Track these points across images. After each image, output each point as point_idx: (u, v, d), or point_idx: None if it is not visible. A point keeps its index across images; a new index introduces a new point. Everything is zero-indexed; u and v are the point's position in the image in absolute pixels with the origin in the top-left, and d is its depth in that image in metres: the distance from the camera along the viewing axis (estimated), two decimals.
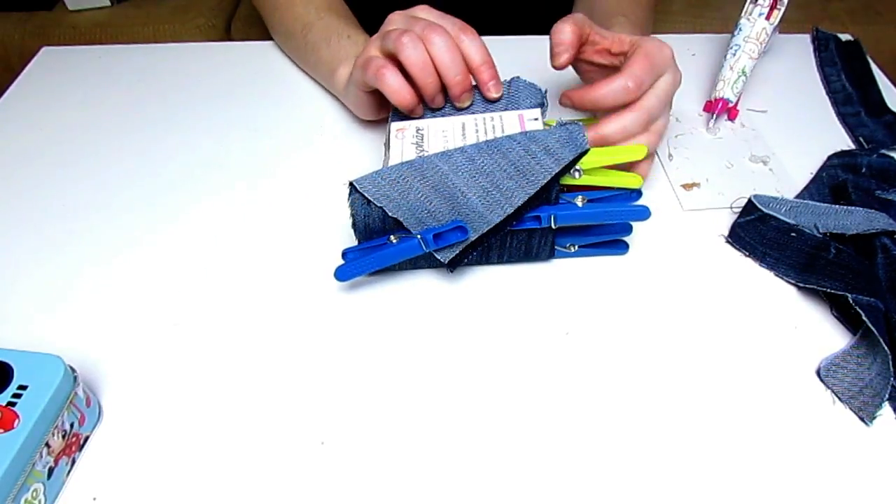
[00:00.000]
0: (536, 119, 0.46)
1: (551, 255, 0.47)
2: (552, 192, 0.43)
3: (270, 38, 0.71)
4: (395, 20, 0.47)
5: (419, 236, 0.42)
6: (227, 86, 0.65)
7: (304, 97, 0.63)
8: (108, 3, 1.29)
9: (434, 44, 0.44)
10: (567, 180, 0.43)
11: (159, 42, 1.09)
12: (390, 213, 0.42)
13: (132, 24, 1.26)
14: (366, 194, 0.41)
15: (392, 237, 0.43)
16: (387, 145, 0.46)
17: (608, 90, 0.45)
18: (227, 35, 1.30)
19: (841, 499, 0.35)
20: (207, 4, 1.30)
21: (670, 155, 0.55)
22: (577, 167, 0.43)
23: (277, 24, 0.67)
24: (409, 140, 0.44)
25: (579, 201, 0.44)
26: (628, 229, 0.47)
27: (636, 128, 0.46)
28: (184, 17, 1.27)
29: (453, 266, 0.44)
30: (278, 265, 0.48)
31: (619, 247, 0.48)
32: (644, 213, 0.44)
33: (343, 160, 0.56)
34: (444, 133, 0.46)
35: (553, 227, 0.44)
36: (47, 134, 0.60)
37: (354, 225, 0.43)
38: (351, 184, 0.42)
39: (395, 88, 0.45)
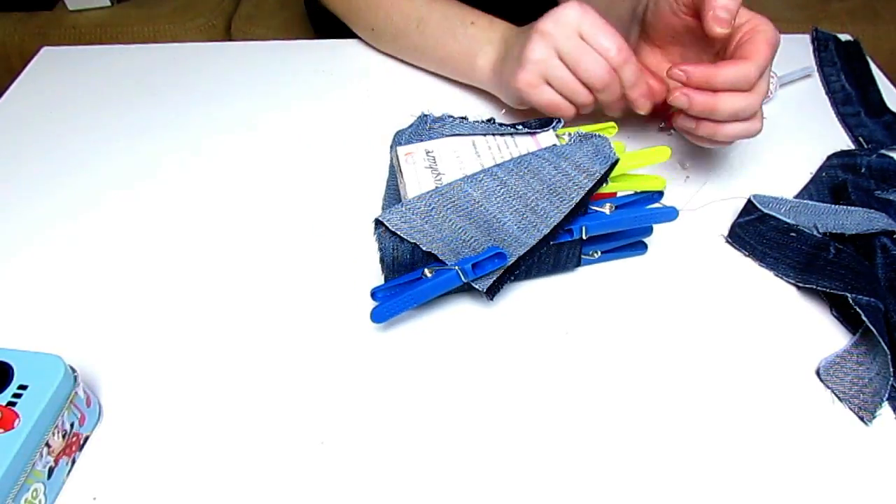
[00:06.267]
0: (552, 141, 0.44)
1: (578, 264, 0.46)
2: (585, 206, 0.42)
3: (270, 38, 0.71)
4: (554, 34, 0.48)
5: (456, 267, 0.40)
6: (227, 86, 0.65)
7: (305, 97, 0.63)
8: (108, 3, 1.29)
9: (592, 79, 0.48)
10: None
11: (159, 42, 1.09)
12: (424, 248, 0.40)
13: (132, 24, 1.26)
14: (397, 231, 0.39)
15: (426, 271, 0.41)
16: (398, 171, 0.44)
17: (732, 74, 0.43)
18: (227, 35, 1.30)
19: (841, 499, 0.35)
20: (207, 4, 1.30)
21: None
22: None
23: (381, 23, 0.64)
24: (420, 164, 0.42)
25: (607, 209, 0.43)
26: (649, 231, 0.46)
27: (747, 113, 0.44)
28: (184, 17, 1.27)
29: (492, 294, 0.43)
30: (277, 265, 0.48)
31: (638, 248, 0.48)
32: (672, 214, 0.43)
33: (344, 158, 0.56)
34: (457, 154, 0.44)
35: (584, 238, 0.43)
36: (47, 134, 0.60)
37: (382, 261, 0.42)
38: (377, 220, 0.40)
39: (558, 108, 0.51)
